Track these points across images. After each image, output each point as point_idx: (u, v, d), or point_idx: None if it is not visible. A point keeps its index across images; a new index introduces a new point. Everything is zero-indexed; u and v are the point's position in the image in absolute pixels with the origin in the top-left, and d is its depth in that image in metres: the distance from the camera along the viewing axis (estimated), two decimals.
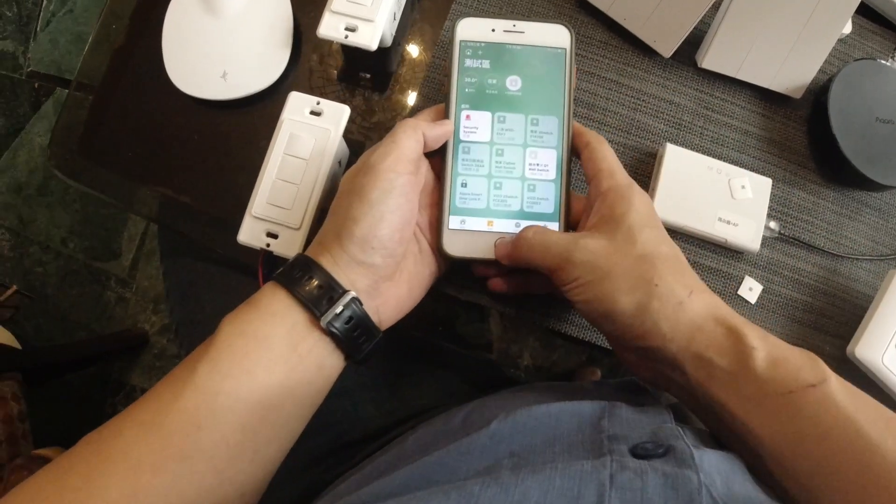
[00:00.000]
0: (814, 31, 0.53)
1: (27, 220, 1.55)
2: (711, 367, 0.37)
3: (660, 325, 0.38)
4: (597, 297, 0.40)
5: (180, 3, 0.56)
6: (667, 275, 0.39)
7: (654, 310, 0.38)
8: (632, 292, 0.39)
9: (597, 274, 0.40)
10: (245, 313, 0.39)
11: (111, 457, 0.34)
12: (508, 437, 0.38)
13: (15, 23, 1.66)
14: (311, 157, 0.48)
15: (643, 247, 0.40)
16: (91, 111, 0.57)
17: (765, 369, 0.35)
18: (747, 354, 0.36)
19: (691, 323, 0.38)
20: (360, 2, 0.50)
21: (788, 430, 0.35)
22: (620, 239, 0.40)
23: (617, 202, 0.42)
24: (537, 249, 0.43)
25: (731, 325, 0.38)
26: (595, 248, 0.41)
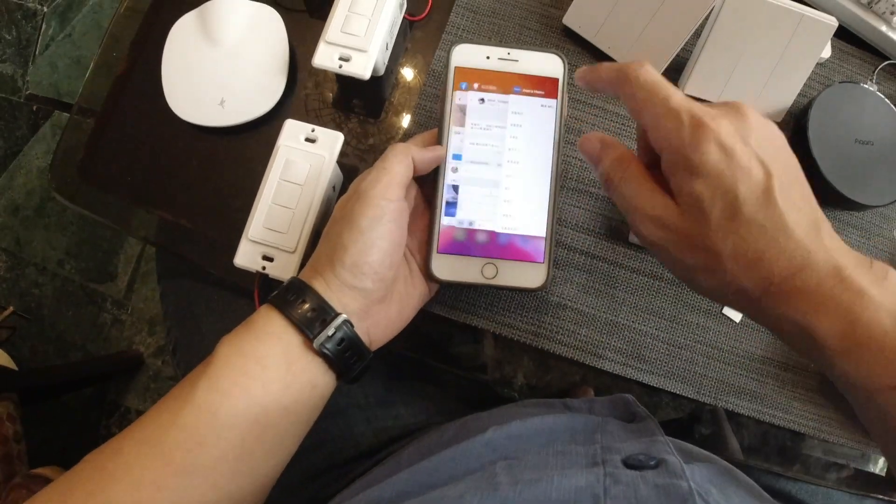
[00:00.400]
0: (792, 56, 0.55)
1: (24, 241, 1.55)
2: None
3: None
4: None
5: (180, 31, 0.58)
6: (738, 269, 0.34)
7: (732, 303, 0.37)
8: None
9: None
10: (242, 334, 0.41)
11: (113, 474, 0.35)
12: (503, 444, 0.39)
13: (14, 46, 1.68)
14: (306, 183, 0.50)
15: (713, 231, 0.35)
16: (92, 136, 0.59)
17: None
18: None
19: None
20: (354, 32, 0.52)
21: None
22: (693, 219, 0.36)
23: (675, 171, 0.36)
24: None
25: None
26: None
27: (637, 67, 0.38)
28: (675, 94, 0.36)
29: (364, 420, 0.56)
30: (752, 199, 0.33)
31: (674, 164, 0.36)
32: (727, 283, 0.35)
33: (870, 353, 0.31)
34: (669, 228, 0.36)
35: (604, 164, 0.40)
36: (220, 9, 0.57)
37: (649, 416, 0.45)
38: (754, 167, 0.34)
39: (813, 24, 0.53)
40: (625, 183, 0.38)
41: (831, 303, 0.32)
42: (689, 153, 0.34)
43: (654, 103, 0.36)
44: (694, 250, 0.35)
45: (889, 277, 0.33)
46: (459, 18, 0.59)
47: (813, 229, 0.34)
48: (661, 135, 0.36)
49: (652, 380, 0.54)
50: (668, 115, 0.36)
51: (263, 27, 0.57)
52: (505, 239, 0.48)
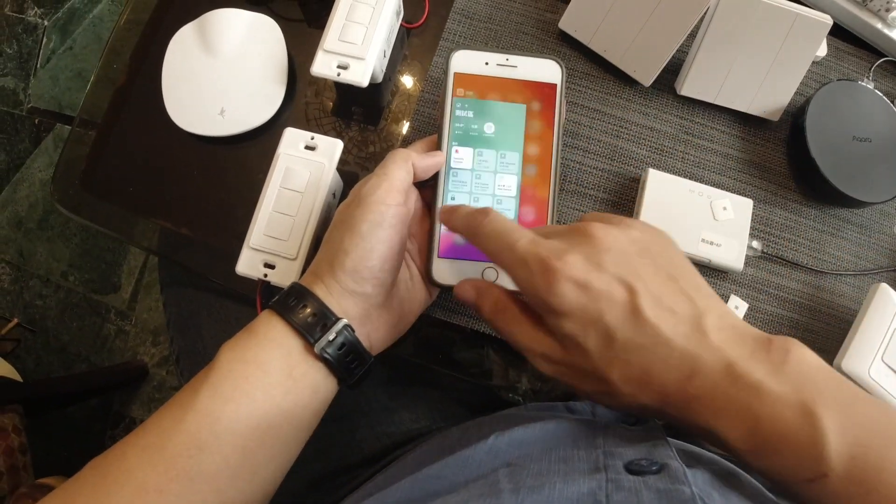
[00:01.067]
0: (788, 55, 0.55)
1: (27, 253, 1.56)
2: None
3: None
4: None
5: (179, 42, 0.58)
6: (631, 389, 0.35)
7: (644, 416, 0.37)
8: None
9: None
10: (243, 340, 0.41)
11: (117, 479, 0.36)
12: (505, 451, 0.39)
13: (16, 59, 1.69)
14: (307, 190, 0.50)
15: (597, 361, 0.35)
16: (93, 147, 0.59)
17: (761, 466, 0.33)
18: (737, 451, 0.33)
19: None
20: (352, 41, 0.52)
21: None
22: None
23: (543, 314, 0.37)
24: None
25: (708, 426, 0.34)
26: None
27: (482, 218, 0.39)
28: (520, 239, 0.37)
29: (367, 426, 0.56)
30: (621, 323, 0.34)
31: (538, 308, 0.37)
32: (628, 404, 0.35)
33: (776, 451, 0.31)
34: (558, 363, 0.37)
35: (484, 310, 0.41)
36: (218, 19, 0.57)
37: (652, 419, 0.45)
38: (615, 290, 0.34)
39: (808, 23, 0.53)
40: (507, 325, 0.39)
41: (729, 405, 0.32)
42: (546, 298, 0.35)
43: (502, 253, 0.37)
44: (587, 380, 0.36)
45: (789, 360, 0.32)
46: (456, 25, 0.59)
47: (695, 331, 0.33)
48: (518, 284, 0.37)
49: None
50: (516, 264, 0.36)
51: (262, 37, 0.58)
52: None
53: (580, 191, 0.57)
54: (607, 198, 0.57)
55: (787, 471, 0.31)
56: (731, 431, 0.32)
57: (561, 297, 0.34)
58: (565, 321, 0.35)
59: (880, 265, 0.58)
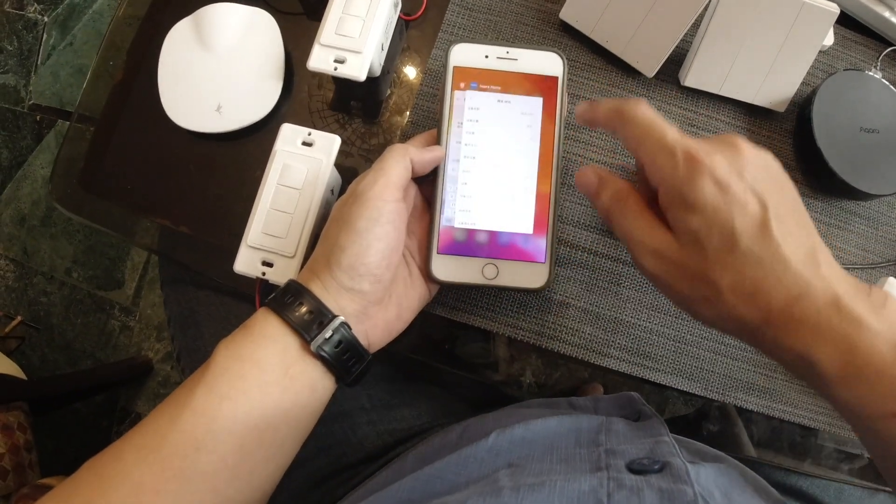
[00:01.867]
0: (794, 45, 0.54)
1: (31, 251, 1.56)
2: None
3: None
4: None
5: (175, 38, 0.58)
6: (736, 300, 0.35)
7: (732, 332, 0.37)
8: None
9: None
10: (239, 338, 0.40)
11: (113, 480, 0.35)
12: (507, 450, 0.38)
13: (16, 56, 1.69)
14: (304, 187, 0.49)
15: (711, 264, 0.35)
16: (91, 145, 0.59)
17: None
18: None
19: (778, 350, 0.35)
20: (349, 34, 0.52)
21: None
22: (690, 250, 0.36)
23: (671, 207, 0.37)
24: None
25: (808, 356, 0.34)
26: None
27: (634, 105, 0.39)
28: (670, 130, 0.37)
29: (368, 423, 0.56)
30: (748, 232, 0.34)
31: (670, 199, 0.36)
32: (726, 314, 0.36)
33: (868, 381, 0.32)
34: (668, 261, 0.37)
35: (602, 198, 0.41)
36: (214, 14, 0.57)
37: (655, 414, 0.45)
38: (750, 200, 0.34)
39: (814, 12, 0.52)
40: (624, 217, 0.39)
41: (829, 332, 0.33)
42: (684, 189, 0.35)
43: (650, 140, 0.37)
44: (693, 282, 0.36)
45: (887, 305, 0.33)
46: (455, 16, 0.58)
47: (810, 259, 0.34)
48: (656, 171, 0.37)
49: (659, 377, 0.53)
50: (662, 151, 0.36)
51: (258, 31, 0.57)
52: (506, 239, 0.47)
53: None
54: None
55: (874, 402, 0.32)
56: (826, 357, 0.33)
57: (700, 190, 0.35)
58: (694, 216, 0.35)
59: (888, 258, 0.57)
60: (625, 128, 0.39)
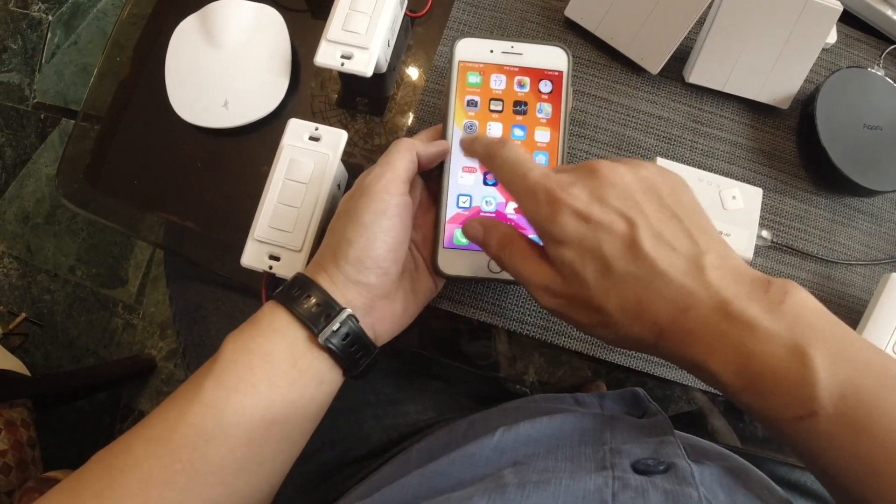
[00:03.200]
0: (797, 42, 0.54)
1: (35, 248, 1.57)
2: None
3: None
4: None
5: (182, 34, 0.58)
6: (626, 320, 0.35)
7: (636, 349, 0.38)
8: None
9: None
10: (247, 331, 0.41)
11: (123, 472, 0.35)
12: (512, 448, 0.38)
13: (20, 55, 1.69)
14: (311, 181, 0.49)
15: (594, 291, 0.36)
16: (97, 141, 0.59)
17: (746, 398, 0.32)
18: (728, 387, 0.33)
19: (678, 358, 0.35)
20: (355, 30, 0.52)
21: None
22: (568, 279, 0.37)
23: (545, 242, 0.38)
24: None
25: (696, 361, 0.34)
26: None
27: (499, 146, 0.40)
28: (533, 170, 0.38)
29: (374, 417, 0.56)
30: (618, 253, 0.34)
31: (542, 238, 0.37)
32: (623, 335, 0.36)
33: (765, 388, 0.31)
34: (557, 295, 0.37)
35: (491, 245, 0.42)
36: (221, 11, 0.57)
37: (660, 411, 0.45)
38: (615, 222, 0.35)
39: (818, 9, 0.53)
40: (512, 259, 0.40)
41: (722, 341, 0.32)
42: (549, 228, 0.36)
43: (515, 183, 0.39)
44: (584, 310, 0.37)
45: (786, 300, 0.32)
46: (461, 13, 0.59)
47: (692, 267, 0.34)
48: (524, 213, 0.38)
49: (663, 372, 0.53)
50: (526, 193, 0.38)
51: (265, 28, 0.57)
52: None
53: None
54: None
55: (777, 408, 0.31)
56: (722, 367, 0.32)
57: (562, 226, 0.35)
58: (565, 250, 0.36)
59: (891, 255, 0.57)
60: (493, 169, 0.41)
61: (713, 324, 0.32)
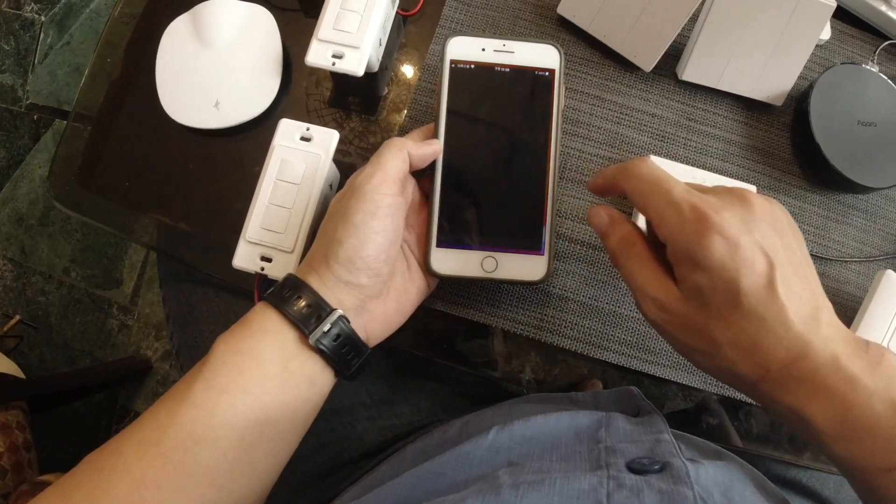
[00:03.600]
0: (791, 39, 0.54)
1: (29, 250, 1.56)
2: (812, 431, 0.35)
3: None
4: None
5: (173, 34, 0.58)
6: (735, 356, 0.35)
7: (729, 385, 0.38)
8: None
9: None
10: (238, 332, 0.41)
11: (113, 474, 0.35)
12: (507, 447, 0.38)
13: (13, 56, 1.68)
14: (303, 182, 0.49)
15: (713, 321, 0.35)
16: (89, 142, 0.59)
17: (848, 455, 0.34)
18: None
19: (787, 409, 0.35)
20: (347, 29, 0.52)
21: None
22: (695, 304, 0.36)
23: (678, 263, 0.37)
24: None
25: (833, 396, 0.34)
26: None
27: (639, 162, 0.39)
28: (677, 186, 0.37)
29: (368, 418, 0.56)
30: (753, 292, 0.34)
31: (678, 256, 0.36)
32: (724, 368, 0.36)
33: (862, 438, 0.32)
34: (670, 311, 0.37)
35: (611, 239, 0.41)
36: (212, 10, 0.57)
37: (654, 409, 0.45)
38: (758, 259, 0.34)
39: (811, 5, 0.52)
40: (630, 261, 0.39)
41: (826, 391, 0.33)
42: (692, 247, 0.35)
43: (656, 197, 0.37)
44: (693, 335, 0.36)
45: (883, 361, 0.33)
46: (453, 12, 0.58)
47: (812, 318, 0.34)
48: (664, 227, 0.36)
49: (658, 371, 0.53)
50: (670, 208, 0.36)
51: (256, 27, 0.57)
52: (505, 232, 0.47)
53: (580, 178, 0.56)
54: None
55: (868, 458, 0.32)
56: (822, 415, 0.33)
57: (707, 249, 0.34)
58: (701, 274, 0.35)
59: (886, 252, 0.57)
60: (630, 185, 0.39)
61: (821, 375, 0.33)
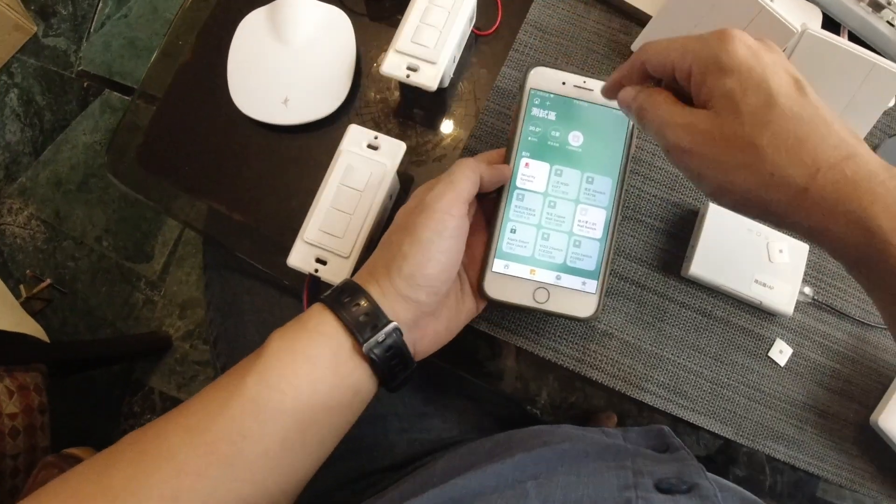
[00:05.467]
0: (860, 103, 0.54)
1: (64, 214, 1.58)
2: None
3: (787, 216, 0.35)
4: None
5: (249, 26, 0.59)
6: (779, 157, 0.34)
7: (774, 202, 0.35)
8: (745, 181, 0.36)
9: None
10: (294, 331, 0.41)
11: (156, 458, 0.36)
12: (533, 466, 0.38)
13: (69, 21, 1.71)
14: (366, 190, 0.50)
15: (748, 125, 0.34)
16: (152, 122, 0.60)
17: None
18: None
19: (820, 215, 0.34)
20: (424, 43, 0.52)
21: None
22: (725, 116, 0.35)
23: (706, 78, 0.36)
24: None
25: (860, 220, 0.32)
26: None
27: (645, 44, 0.40)
28: (689, 35, 0.38)
29: (400, 429, 0.56)
30: (785, 90, 0.34)
31: (704, 69, 0.36)
32: (768, 176, 0.34)
33: None
34: (701, 131, 0.36)
35: (638, 99, 0.41)
36: (291, 7, 0.58)
37: (683, 447, 0.44)
38: (780, 67, 0.35)
39: (884, 73, 0.52)
40: (656, 106, 0.39)
41: (887, 194, 0.31)
42: (718, 55, 0.35)
43: (676, 44, 0.38)
44: (731, 147, 0.35)
45: None
46: (527, 37, 0.59)
47: (851, 132, 0.34)
48: (689, 56, 0.37)
49: (692, 417, 0.53)
50: (690, 41, 0.37)
51: (333, 30, 0.58)
52: (560, 267, 0.47)
53: (637, 217, 0.56)
54: (664, 227, 0.56)
55: None
56: (888, 220, 0.31)
57: (734, 52, 0.34)
58: (730, 78, 0.34)
59: None
60: (649, 48, 0.40)
61: (879, 177, 0.32)
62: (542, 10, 0.59)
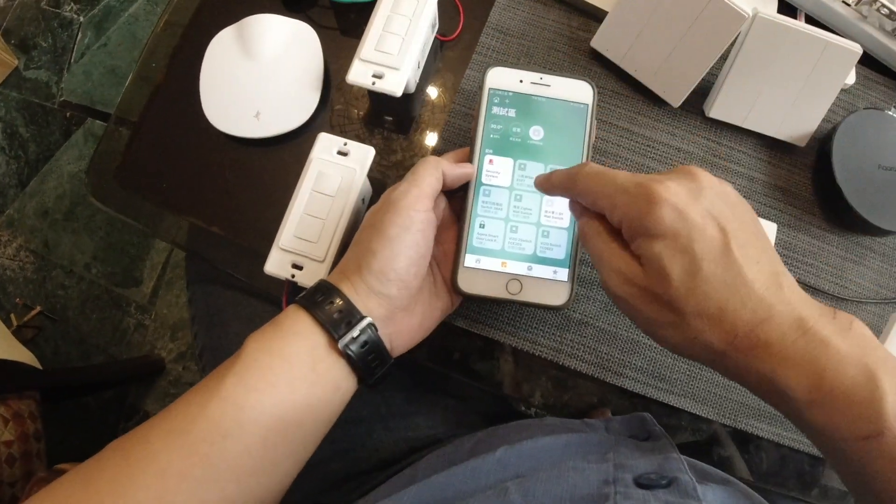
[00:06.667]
0: (817, 82, 0.55)
1: (52, 244, 1.59)
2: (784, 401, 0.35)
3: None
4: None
5: (218, 45, 0.60)
6: (702, 324, 0.35)
7: (698, 357, 0.37)
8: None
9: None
10: (269, 332, 0.42)
11: (139, 462, 0.36)
12: (515, 463, 0.39)
13: (50, 53, 1.72)
14: (337, 195, 0.51)
15: (675, 290, 0.35)
16: (129, 143, 0.61)
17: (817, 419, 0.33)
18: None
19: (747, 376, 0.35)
20: (388, 51, 0.53)
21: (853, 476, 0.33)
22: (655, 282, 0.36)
23: (634, 237, 0.37)
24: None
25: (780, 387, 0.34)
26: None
27: (580, 165, 0.42)
28: (621, 173, 0.39)
29: (384, 429, 0.57)
30: (710, 255, 0.35)
31: (633, 231, 0.37)
32: (691, 339, 0.36)
33: (837, 405, 0.32)
34: (633, 284, 0.37)
35: (582, 221, 0.42)
36: (258, 24, 0.59)
37: (665, 434, 0.45)
38: (709, 225, 0.35)
39: (838, 51, 0.54)
40: (595, 238, 0.40)
41: (796, 355, 0.33)
42: (644, 220, 0.36)
43: (605, 186, 0.39)
44: (657, 307, 0.37)
45: (853, 327, 0.33)
46: (490, 39, 0.60)
47: (773, 282, 0.34)
48: (617, 210, 0.38)
49: (672, 399, 0.54)
50: (618, 191, 0.38)
51: (300, 43, 0.59)
52: (531, 258, 0.49)
53: None
54: None
55: (844, 426, 0.32)
56: (794, 381, 0.33)
57: (658, 218, 0.35)
58: (656, 243, 0.35)
59: None
60: (578, 185, 0.41)
61: (790, 337, 0.33)
62: (502, 12, 0.61)
